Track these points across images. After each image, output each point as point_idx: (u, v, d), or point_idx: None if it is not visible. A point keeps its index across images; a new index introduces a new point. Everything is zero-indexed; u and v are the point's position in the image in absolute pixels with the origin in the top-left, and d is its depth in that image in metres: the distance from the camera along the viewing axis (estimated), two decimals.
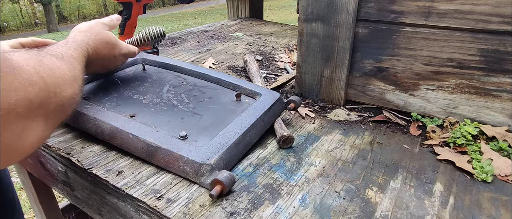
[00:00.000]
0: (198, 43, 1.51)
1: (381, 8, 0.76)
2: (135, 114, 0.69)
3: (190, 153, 0.57)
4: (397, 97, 0.82)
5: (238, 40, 1.54)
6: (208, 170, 0.56)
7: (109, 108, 0.70)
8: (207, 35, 1.64)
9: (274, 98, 0.77)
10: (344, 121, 0.82)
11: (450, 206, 0.54)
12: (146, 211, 0.54)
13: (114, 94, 0.77)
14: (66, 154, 0.64)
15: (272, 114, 0.74)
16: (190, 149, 0.58)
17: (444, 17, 0.70)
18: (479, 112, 0.73)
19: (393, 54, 0.78)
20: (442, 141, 0.71)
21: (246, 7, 2.01)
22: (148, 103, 0.74)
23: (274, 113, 0.75)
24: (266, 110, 0.72)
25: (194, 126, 0.68)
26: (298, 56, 0.90)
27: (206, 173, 0.55)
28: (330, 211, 0.53)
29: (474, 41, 0.69)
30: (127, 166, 0.61)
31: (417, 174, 0.62)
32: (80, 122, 0.67)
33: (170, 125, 0.67)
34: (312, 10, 0.82)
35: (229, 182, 0.53)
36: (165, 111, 0.72)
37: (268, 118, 0.72)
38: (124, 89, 0.79)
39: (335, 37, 0.82)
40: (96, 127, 0.65)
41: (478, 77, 0.71)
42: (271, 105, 0.74)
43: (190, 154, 0.57)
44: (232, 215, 0.51)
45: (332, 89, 0.88)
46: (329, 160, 0.66)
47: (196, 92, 0.81)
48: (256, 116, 0.69)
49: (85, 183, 0.64)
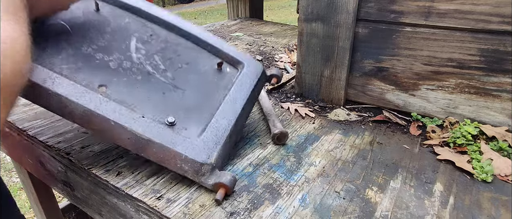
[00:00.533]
0: None
1: (381, 8, 0.76)
2: (105, 85, 0.56)
3: (188, 150, 0.54)
4: (397, 97, 0.82)
5: (238, 40, 1.54)
6: (209, 170, 0.55)
7: (69, 75, 0.54)
8: None
9: (259, 71, 0.70)
10: (344, 121, 0.82)
11: (450, 206, 0.54)
12: (146, 211, 0.54)
13: (69, 51, 0.58)
14: (66, 154, 0.64)
15: (257, 92, 0.68)
16: (187, 145, 0.55)
17: (444, 17, 0.70)
18: (479, 112, 0.73)
19: (393, 54, 0.78)
20: (442, 141, 0.71)
21: (246, 7, 2.02)
22: (117, 68, 0.60)
23: (259, 90, 0.69)
24: (253, 87, 0.66)
25: (178, 106, 0.60)
26: (298, 56, 0.90)
27: (206, 172, 0.55)
28: (330, 211, 0.53)
29: (474, 41, 0.69)
30: (127, 166, 0.61)
31: (417, 174, 0.62)
32: (38, 97, 0.51)
33: (152, 105, 0.58)
34: (312, 10, 0.82)
35: (232, 185, 0.53)
36: (141, 82, 0.60)
37: (254, 97, 0.66)
38: (79, 41, 0.60)
39: (335, 37, 0.82)
40: (62, 106, 0.51)
41: (478, 77, 0.71)
42: (257, 81, 0.68)
43: (188, 152, 0.54)
44: (232, 215, 0.51)
45: (332, 89, 0.88)
46: (329, 160, 0.66)
47: (171, 54, 0.68)
48: (245, 97, 0.63)
49: (85, 183, 0.64)
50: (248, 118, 0.80)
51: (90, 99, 0.52)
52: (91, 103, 0.52)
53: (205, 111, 0.61)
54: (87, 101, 0.51)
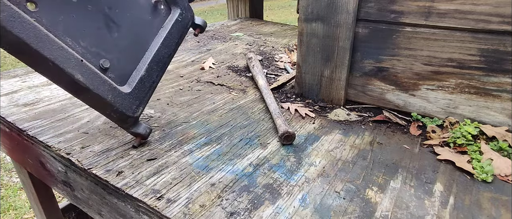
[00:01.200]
0: (198, 43, 1.51)
1: (381, 8, 0.76)
2: (34, 1, 0.49)
3: (119, 103, 0.59)
4: (397, 97, 0.82)
5: (238, 40, 1.54)
6: (133, 121, 0.63)
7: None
8: (207, 35, 1.64)
9: (189, 21, 0.69)
10: (344, 121, 0.81)
11: (450, 206, 0.54)
12: (146, 211, 0.54)
13: None
14: (66, 154, 0.64)
15: (181, 40, 0.68)
16: (119, 98, 0.59)
17: (444, 17, 0.70)
18: (479, 112, 0.73)
19: (393, 54, 0.78)
20: (442, 141, 0.71)
21: (246, 7, 2.02)
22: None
23: (183, 38, 0.69)
24: (179, 37, 0.66)
25: (112, 46, 0.59)
26: (298, 56, 0.90)
27: (130, 123, 0.63)
28: (330, 211, 0.53)
29: (474, 41, 0.69)
30: (127, 166, 0.61)
31: (417, 174, 0.62)
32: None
33: (87, 40, 0.55)
34: (312, 10, 0.82)
35: (147, 135, 0.65)
36: (76, 6, 0.54)
37: (177, 45, 0.67)
38: None
39: (335, 37, 0.81)
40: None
41: (478, 77, 0.71)
42: (184, 30, 0.67)
43: (119, 104, 0.59)
44: (232, 215, 0.51)
45: (332, 89, 0.88)
46: (329, 160, 0.66)
47: None
48: (170, 48, 0.64)
49: (85, 183, 0.64)
50: (248, 118, 0.81)
51: (19, 21, 0.44)
52: (24, 31, 0.45)
53: (134, 57, 0.63)
54: (16, 25, 0.44)
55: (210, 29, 1.76)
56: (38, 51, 0.47)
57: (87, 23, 0.55)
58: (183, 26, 0.68)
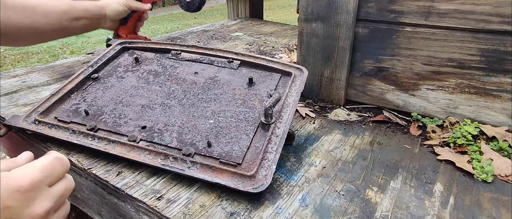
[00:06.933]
0: (198, 43, 1.50)
1: (381, 8, 0.76)
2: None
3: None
4: (397, 97, 0.82)
5: (238, 40, 1.54)
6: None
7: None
8: (207, 35, 1.64)
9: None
10: (344, 121, 0.81)
11: (450, 206, 0.54)
12: (146, 211, 0.54)
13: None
14: (66, 154, 0.64)
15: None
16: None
17: (444, 17, 0.70)
18: (479, 112, 0.73)
19: (393, 54, 0.78)
20: (442, 141, 0.71)
21: (246, 7, 2.01)
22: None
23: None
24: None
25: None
26: (298, 56, 0.90)
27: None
28: (330, 211, 0.53)
29: (474, 41, 0.68)
30: (127, 166, 0.61)
31: (417, 174, 0.62)
32: None
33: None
34: (312, 10, 0.82)
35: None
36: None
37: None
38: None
39: (335, 37, 0.81)
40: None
41: (478, 77, 0.71)
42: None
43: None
44: (232, 215, 0.51)
45: (332, 89, 0.88)
46: (329, 160, 0.66)
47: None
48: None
49: (85, 183, 0.64)
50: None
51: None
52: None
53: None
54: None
55: (210, 29, 1.76)
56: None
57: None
58: None
